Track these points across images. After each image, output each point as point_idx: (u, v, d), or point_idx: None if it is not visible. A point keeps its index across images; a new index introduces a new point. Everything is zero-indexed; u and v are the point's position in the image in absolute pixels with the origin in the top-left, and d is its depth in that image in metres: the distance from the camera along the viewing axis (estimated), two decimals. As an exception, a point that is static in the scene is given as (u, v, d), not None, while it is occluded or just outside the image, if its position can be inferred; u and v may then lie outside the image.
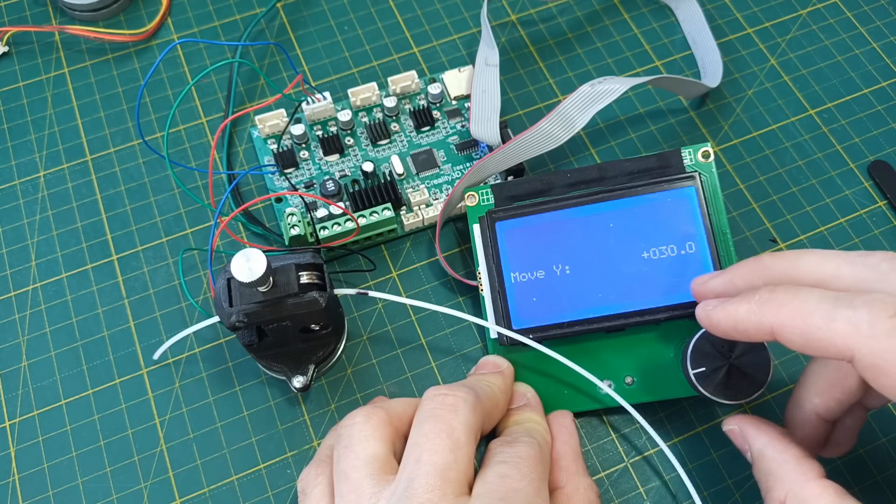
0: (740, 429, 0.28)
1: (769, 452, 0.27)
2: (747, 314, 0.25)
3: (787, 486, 0.26)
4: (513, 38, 0.44)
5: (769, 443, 0.27)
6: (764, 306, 0.25)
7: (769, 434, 0.27)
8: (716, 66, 0.41)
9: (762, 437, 0.27)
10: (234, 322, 0.29)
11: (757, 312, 0.25)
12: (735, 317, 0.26)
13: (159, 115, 0.41)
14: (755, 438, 0.28)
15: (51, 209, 0.39)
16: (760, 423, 0.28)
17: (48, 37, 0.44)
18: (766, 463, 0.27)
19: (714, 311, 0.27)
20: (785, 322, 0.24)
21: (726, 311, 0.26)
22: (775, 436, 0.27)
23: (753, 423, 0.28)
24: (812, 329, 0.23)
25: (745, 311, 0.25)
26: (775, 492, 0.26)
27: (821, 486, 0.25)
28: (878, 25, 0.44)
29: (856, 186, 0.39)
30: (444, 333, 0.36)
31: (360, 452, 0.27)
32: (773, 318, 0.24)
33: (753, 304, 0.25)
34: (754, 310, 0.25)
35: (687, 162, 0.34)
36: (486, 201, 0.35)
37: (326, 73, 0.42)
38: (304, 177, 0.38)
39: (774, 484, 0.26)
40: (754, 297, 0.25)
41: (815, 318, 0.23)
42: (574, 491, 0.30)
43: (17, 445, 0.34)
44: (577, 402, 0.33)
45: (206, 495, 0.33)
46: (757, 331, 0.25)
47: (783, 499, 0.25)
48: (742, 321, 0.25)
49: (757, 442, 0.27)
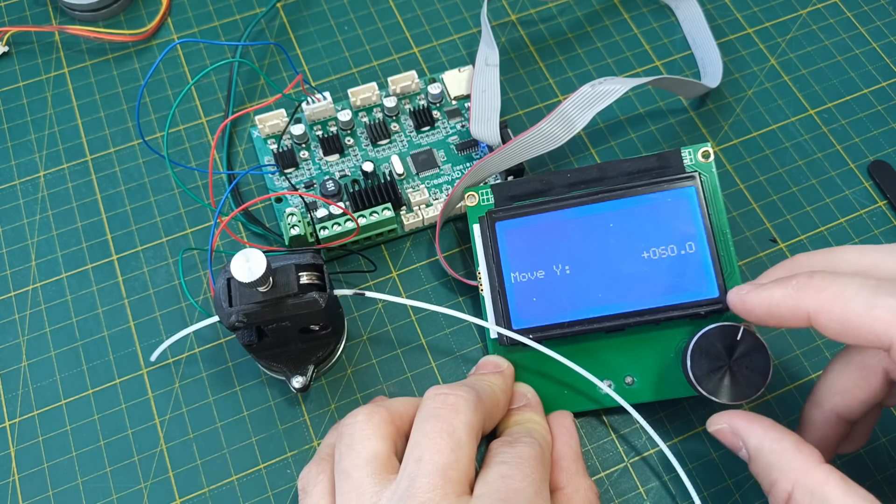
0: (730, 426, 0.28)
1: (767, 445, 0.26)
2: (783, 298, 0.25)
3: (792, 476, 0.25)
4: (513, 38, 0.44)
5: (765, 435, 0.26)
6: (801, 290, 0.24)
7: (763, 426, 0.27)
8: (716, 66, 0.41)
9: (756, 431, 0.27)
10: (233, 322, 0.29)
11: (793, 297, 0.24)
12: (770, 301, 0.25)
13: (159, 115, 0.41)
14: (749, 433, 0.27)
15: (51, 209, 0.39)
16: (750, 417, 0.27)
17: (48, 37, 0.44)
18: (766, 456, 0.26)
19: (748, 296, 0.26)
20: (823, 307, 0.23)
21: (761, 296, 0.25)
22: (768, 427, 0.27)
23: (744, 418, 0.27)
24: (851, 316, 0.23)
25: (780, 295, 0.25)
26: (781, 483, 0.25)
27: (825, 472, 0.24)
28: (878, 25, 0.44)
29: (856, 186, 0.39)
30: (444, 333, 0.36)
31: (361, 451, 0.27)
32: (810, 302, 0.24)
33: (790, 288, 0.24)
34: (791, 294, 0.24)
35: (687, 162, 0.34)
36: (486, 201, 0.35)
37: (326, 73, 0.42)
38: (304, 177, 0.38)
39: (778, 476, 0.25)
40: (791, 282, 0.25)
41: (854, 304, 0.23)
42: (574, 492, 0.30)
43: (17, 445, 0.34)
44: (577, 402, 0.33)
45: (206, 495, 0.33)
46: (792, 316, 0.24)
47: (790, 490, 0.25)
48: (777, 305, 0.25)
49: (752, 437, 0.27)
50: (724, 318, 0.32)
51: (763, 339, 0.29)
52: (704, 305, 0.31)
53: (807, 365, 0.35)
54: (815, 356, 0.35)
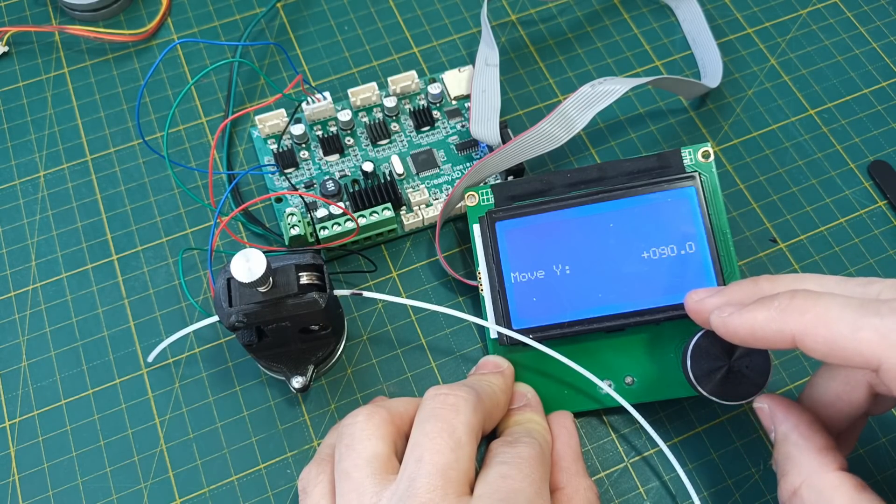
0: (770, 408, 0.27)
1: (793, 437, 0.26)
2: (766, 321, 0.24)
3: (804, 473, 0.25)
4: (513, 38, 0.44)
5: (795, 427, 0.26)
6: (784, 313, 0.24)
7: (796, 418, 0.27)
8: (716, 66, 0.41)
9: (789, 421, 0.27)
10: (233, 322, 0.29)
11: (777, 320, 0.24)
12: (753, 324, 0.25)
13: (159, 115, 0.41)
14: (782, 421, 0.27)
15: (51, 209, 0.39)
16: (790, 406, 0.27)
17: (48, 37, 0.44)
18: (788, 447, 0.26)
19: (730, 319, 0.26)
20: (807, 330, 0.23)
21: (743, 319, 0.25)
22: (803, 421, 0.26)
23: (783, 405, 0.27)
24: (837, 338, 0.22)
25: (763, 318, 0.24)
26: (791, 476, 0.25)
27: (839, 478, 0.24)
28: (878, 25, 0.44)
29: (856, 186, 0.39)
30: (444, 333, 0.36)
31: (361, 451, 0.27)
32: (795, 325, 0.23)
33: (773, 310, 0.24)
34: (774, 317, 0.24)
35: (687, 162, 0.34)
36: (486, 201, 0.35)
37: (326, 73, 0.42)
38: (304, 177, 0.38)
39: (791, 469, 0.25)
40: (773, 304, 0.24)
41: (839, 326, 0.22)
42: (574, 492, 0.30)
43: (17, 445, 0.34)
44: (577, 402, 0.33)
45: (206, 495, 0.33)
46: (777, 338, 0.24)
47: (798, 485, 0.25)
48: (761, 328, 0.24)
49: (783, 425, 0.27)
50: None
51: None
52: (704, 305, 0.31)
53: (806, 365, 0.35)
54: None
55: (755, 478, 0.33)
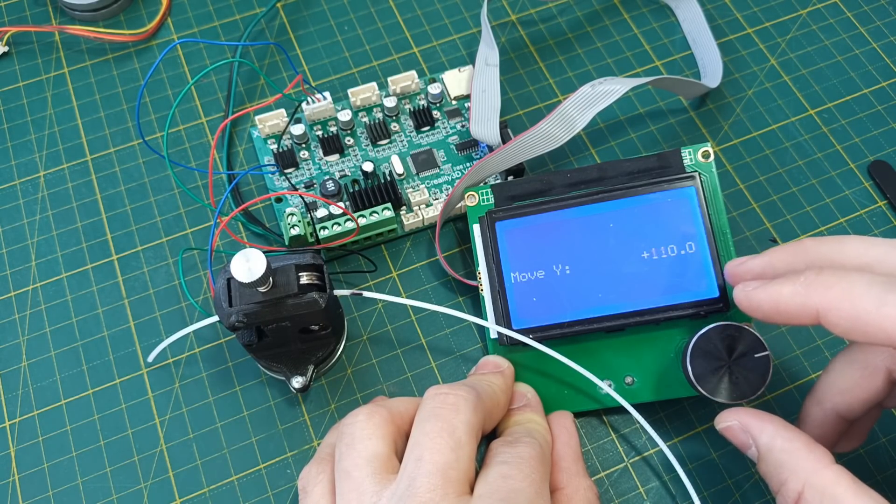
0: (741, 424, 0.27)
1: (778, 444, 0.26)
2: (791, 295, 0.24)
3: (802, 476, 0.25)
4: (513, 38, 0.44)
5: (776, 434, 0.26)
6: (809, 287, 0.24)
7: (774, 425, 0.26)
8: (716, 66, 0.41)
9: (768, 429, 0.26)
10: (233, 322, 0.29)
11: (802, 294, 0.24)
12: (777, 298, 0.25)
13: (159, 115, 0.41)
14: (760, 431, 0.26)
15: (51, 209, 0.39)
16: (761, 415, 0.27)
17: (48, 37, 0.44)
18: (777, 455, 0.26)
19: (755, 293, 0.25)
20: (832, 305, 0.23)
21: (768, 293, 0.25)
22: (780, 426, 0.26)
23: (755, 415, 0.27)
24: (861, 313, 0.22)
25: (788, 292, 0.24)
26: (791, 483, 0.25)
27: (836, 473, 0.24)
28: (878, 25, 0.44)
29: (856, 186, 0.39)
30: (444, 333, 0.36)
31: (361, 451, 0.27)
32: (819, 300, 0.23)
33: (798, 285, 0.24)
34: (799, 291, 0.24)
35: (687, 162, 0.34)
36: (486, 201, 0.35)
37: (326, 73, 0.42)
38: (304, 177, 0.38)
39: (789, 475, 0.25)
40: (799, 279, 0.24)
41: (864, 301, 0.22)
42: (574, 492, 0.30)
43: (17, 445, 0.34)
44: (577, 402, 0.33)
45: (206, 495, 0.33)
46: (801, 313, 0.24)
47: (801, 489, 0.24)
48: (785, 302, 0.24)
49: (763, 435, 0.26)
50: (725, 318, 0.32)
51: (763, 339, 0.30)
52: (704, 305, 0.32)
53: (807, 365, 0.35)
54: (815, 356, 0.35)
55: (755, 478, 0.33)
